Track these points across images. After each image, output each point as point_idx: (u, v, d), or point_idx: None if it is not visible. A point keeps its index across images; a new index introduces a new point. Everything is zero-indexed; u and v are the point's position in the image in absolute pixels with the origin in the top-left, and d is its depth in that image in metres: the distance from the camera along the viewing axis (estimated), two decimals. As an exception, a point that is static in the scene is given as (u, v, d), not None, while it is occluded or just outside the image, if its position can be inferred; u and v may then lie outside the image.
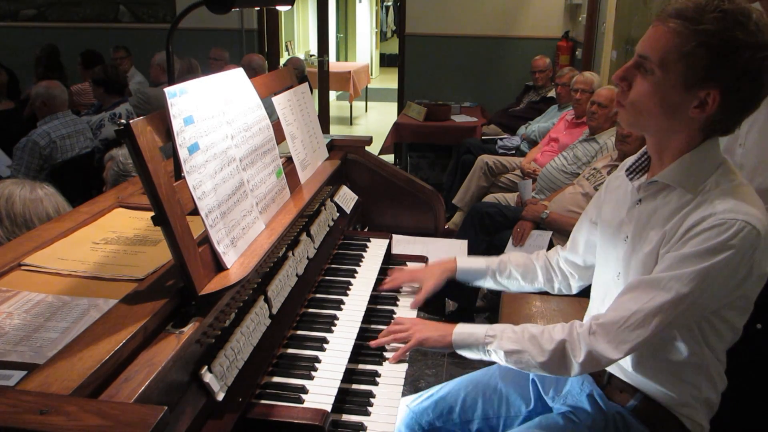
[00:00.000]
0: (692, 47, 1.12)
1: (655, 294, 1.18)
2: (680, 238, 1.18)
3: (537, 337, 1.30)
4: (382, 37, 14.74)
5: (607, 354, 1.22)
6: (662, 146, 1.25)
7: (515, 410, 1.54)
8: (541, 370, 1.31)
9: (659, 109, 1.19)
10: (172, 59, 1.57)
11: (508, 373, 1.59)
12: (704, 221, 1.15)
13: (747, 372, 1.70)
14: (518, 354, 1.31)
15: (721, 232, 1.13)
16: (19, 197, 1.69)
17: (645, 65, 1.18)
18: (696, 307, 1.18)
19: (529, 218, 3.16)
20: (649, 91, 1.18)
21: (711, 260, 1.13)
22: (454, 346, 1.41)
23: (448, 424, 1.56)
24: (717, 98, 1.14)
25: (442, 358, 3.11)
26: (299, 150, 1.84)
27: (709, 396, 1.31)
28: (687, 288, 1.14)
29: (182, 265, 1.09)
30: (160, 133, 1.13)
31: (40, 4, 6.61)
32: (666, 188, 1.26)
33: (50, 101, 3.72)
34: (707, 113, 1.16)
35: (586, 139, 3.56)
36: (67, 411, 0.76)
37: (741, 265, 1.15)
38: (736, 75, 1.12)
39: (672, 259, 1.17)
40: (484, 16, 6.19)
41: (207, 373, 1.11)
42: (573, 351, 1.26)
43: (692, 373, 1.28)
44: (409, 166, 5.87)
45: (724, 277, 1.15)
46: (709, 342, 1.26)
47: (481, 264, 1.67)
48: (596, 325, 1.24)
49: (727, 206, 1.15)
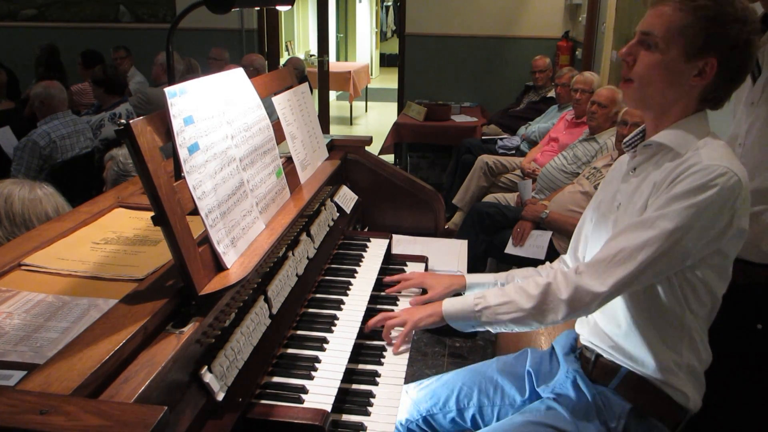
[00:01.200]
0: (691, 20, 1.25)
1: (642, 232, 1.25)
2: (668, 184, 1.27)
3: (523, 286, 1.38)
4: (382, 37, 14.74)
5: (592, 288, 1.27)
6: (661, 116, 1.35)
7: (510, 399, 1.57)
8: (530, 319, 1.35)
9: (663, 80, 1.30)
10: (172, 59, 1.57)
11: (506, 364, 1.63)
12: (691, 168, 1.25)
13: (747, 372, 1.70)
14: (506, 305, 1.37)
15: (706, 174, 1.22)
16: (18, 197, 1.69)
17: (649, 41, 1.29)
18: (679, 248, 1.23)
19: (529, 218, 3.16)
20: (655, 63, 1.29)
21: (695, 198, 1.22)
22: (446, 316, 1.46)
23: (444, 411, 1.59)
24: (714, 66, 1.26)
25: (443, 357, 3.11)
26: (299, 150, 1.84)
27: (691, 363, 1.35)
28: (672, 224, 1.22)
29: (182, 265, 1.09)
30: (160, 133, 1.13)
31: (40, 4, 6.61)
32: (659, 152, 1.35)
33: (49, 101, 3.72)
34: (705, 81, 1.28)
35: (586, 139, 3.57)
36: (67, 411, 0.76)
37: (724, 210, 1.22)
38: (729, 45, 1.25)
39: (659, 201, 1.26)
40: (484, 16, 6.19)
41: (207, 373, 1.11)
42: (558, 290, 1.31)
43: (674, 336, 1.33)
44: (409, 166, 5.87)
45: (708, 218, 1.22)
46: (690, 304, 1.31)
47: (489, 279, 1.70)
48: (583, 266, 1.32)
49: (713, 155, 1.25)
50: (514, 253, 3.15)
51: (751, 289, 1.65)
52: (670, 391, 1.35)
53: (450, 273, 1.92)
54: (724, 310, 1.51)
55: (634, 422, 1.35)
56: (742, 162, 1.67)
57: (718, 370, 1.45)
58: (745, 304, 1.66)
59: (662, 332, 1.33)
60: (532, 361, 1.59)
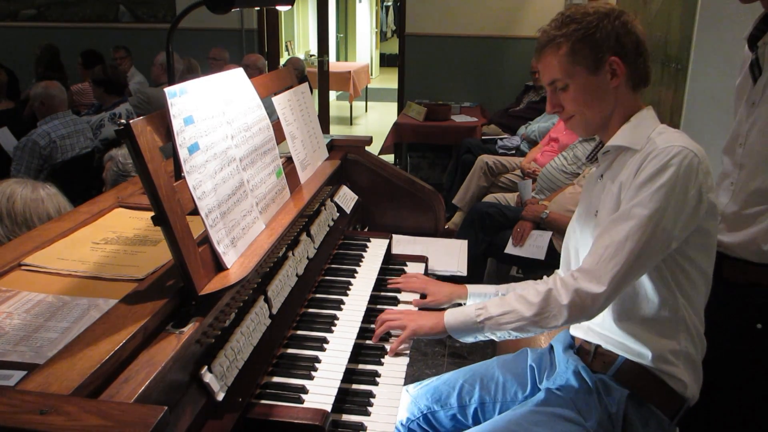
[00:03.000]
0: (572, 47, 1.37)
1: (621, 225, 1.30)
2: (634, 175, 1.32)
3: (523, 295, 1.39)
4: (382, 37, 14.74)
5: (592, 289, 1.29)
6: (609, 127, 1.43)
7: (511, 395, 1.58)
8: (533, 326, 1.37)
9: (593, 99, 1.40)
10: (172, 59, 1.57)
11: (506, 362, 1.64)
12: (649, 155, 1.31)
13: (747, 372, 1.70)
14: (508, 314, 1.39)
15: (664, 156, 1.29)
16: (21, 196, 1.69)
17: (557, 85, 1.41)
18: (660, 231, 1.27)
19: (529, 218, 3.16)
20: (577, 95, 1.40)
21: (660, 180, 1.27)
22: (448, 328, 1.46)
23: (445, 408, 1.60)
24: (618, 61, 1.36)
25: (443, 357, 3.11)
26: (299, 150, 1.84)
27: (688, 350, 1.37)
28: (647, 210, 1.27)
29: (182, 265, 1.09)
30: (160, 133, 1.13)
31: (40, 4, 6.61)
32: (619, 154, 1.41)
33: (49, 101, 3.72)
34: (622, 74, 1.38)
35: (585, 139, 3.56)
36: (67, 411, 0.76)
37: (689, 184, 1.27)
38: (614, 39, 1.36)
39: (629, 193, 1.31)
40: (484, 16, 6.19)
41: (207, 373, 1.11)
42: (559, 295, 1.33)
43: (669, 325, 1.35)
44: (409, 166, 5.87)
45: (678, 196, 1.27)
46: (684, 289, 1.34)
47: (490, 290, 1.71)
48: (577, 272, 1.34)
49: (668, 139, 1.32)
50: (514, 253, 3.16)
51: (751, 289, 1.65)
52: (668, 378, 1.37)
53: (450, 273, 1.92)
54: (725, 310, 1.51)
55: (633, 408, 1.37)
56: (742, 162, 1.68)
57: (718, 370, 1.45)
58: (745, 304, 1.66)
59: (657, 322, 1.35)
60: (533, 358, 1.60)
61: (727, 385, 1.64)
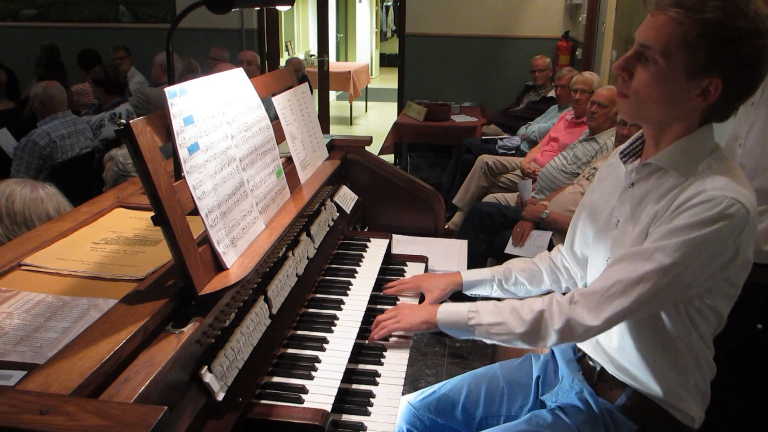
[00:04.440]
0: (694, 37, 1.11)
1: (638, 264, 1.17)
2: (671, 213, 1.18)
3: (517, 309, 1.33)
4: (382, 37, 14.74)
5: (585, 321, 1.22)
6: (660, 133, 1.26)
7: (516, 408, 1.54)
8: (520, 341, 1.33)
9: (662, 99, 1.19)
10: (172, 59, 1.57)
11: (511, 371, 1.60)
12: (694, 197, 1.15)
13: (748, 372, 1.70)
14: (499, 326, 1.34)
15: (711, 207, 1.12)
16: (20, 196, 1.69)
17: (646, 54, 1.17)
18: (679, 282, 1.16)
19: (529, 218, 3.16)
20: (652, 81, 1.17)
21: (697, 233, 1.12)
22: (440, 324, 1.44)
23: (450, 420, 1.56)
24: (719, 86, 1.14)
25: (443, 357, 3.11)
26: (299, 150, 1.84)
27: (698, 383, 1.31)
28: (670, 259, 1.14)
29: (182, 265, 1.09)
30: (160, 133, 1.13)
31: (40, 4, 6.61)
32: (659, 171, 1.26)
33: (48, 101, 3.72)
34: (709, 101, 1.16)
35: (586, 139, 3.56)
36: (67, 411, 0.76)
37: (728, 243, 1.14)
38: (738, 63, 1.12)
39: (660, 231, 1.17)
40: (484, 16, 6.19)
41: (207, 373, 1.11)
42: (551, 319, 1.27)
43: (681, 360, 1.28)
44: (409, 166, 5.87)
45: (709, 253, 1.14)
46: (698, 327, 1.26)
47: (486, 274, 1.68)
48: (579, 295, 1.26)
49: (718, 184, 1.15)
50: (514, 253, 3.15)
51: (751, 289, 1.64)
52: (677, 413, 1.31)
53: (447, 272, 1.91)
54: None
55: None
56: (742, 162, 1.68)
57: (718, 370, 1.45)
58: (745, 304, 1.66)
59: (670, 356, 1.28)
60: (538, 368, 1.56)
61: (726, 386, 1.64)
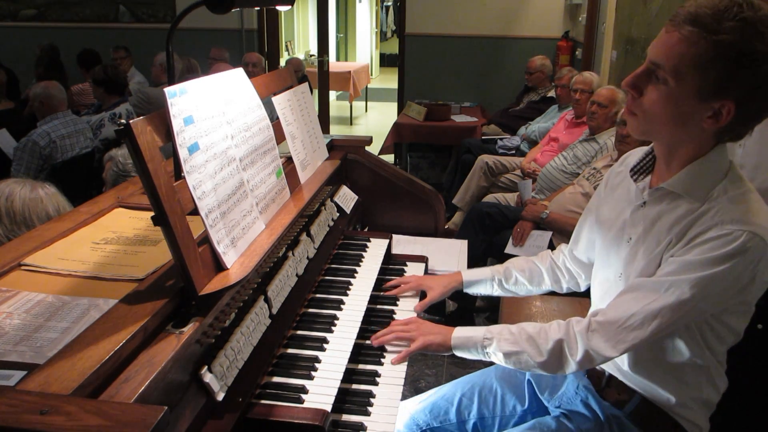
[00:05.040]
0: (709, 59, 1.07)
1: (655, 297, 1.18)
2: (686, 244, 1.17)
3: (534, 337, 1.32)
4: (382, 37, 14.74)
5: (604, 353, 1.23)
6: (671, 153, 1.23)
7: (510, 410, 1.55)
8: (539, 369, 1.32)
9: (672, 119, 1.16)
10: (172, 59, 1.57)
11: (504, 373, 1.60)
12: (710, 230, 1.14)
13: (747, 372, 1.70)
14: (517, 355, 1.33)
15: (728, 242, 1.11)
16: (20, 196, 1.69)
17: (657, 74, 1.14)
18: (695, 312, 1.18)
19: (529, 218, 3.16)
20: (662, 101, 1.14)
21: (714, 269, 1.12)
22: (454, 349, 1.43)
23: (444, 424, 1.57)
24: (732, 110, 1.10)
25: (442, 358, 3.11)
26: (299, 150, 1.84)
27: (709, 397, 1.31)
28: (688, 294, 1.14)
29: (182, 265, 1.09)
30: (160, 133, 1.13)
31: (40, 4, 6.61)
32: (672, 193, 1.23)
33: (48, 101, 3.72)
34: (721, 124, 1.13)
35: (586, 139, 3.57)
36: (67, 411, 0.76)
37: (744, 275, 1.14)
38: (753, 86, 1.08)
39: (676, 263, 1.17)
40: (484, 16, 6.19)
41: (207, 373, 1.11)
42: (570, 349, 1.27)
43: (693, 375, 1.28)
44: (409, 166, 5.87)
45: (726, 286, 1.14)
46: (710, 344, 1.25)
47: (486, 274, 1.68)
48: (595, 323, 1.25)
49: (735, 216, 1.13)
50: (514, 253, 3.15)
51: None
52: (685, 423, 1.31)
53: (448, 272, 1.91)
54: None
55: None
56: (741, 162, 1.68)
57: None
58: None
59: (680, 374, 1.28)
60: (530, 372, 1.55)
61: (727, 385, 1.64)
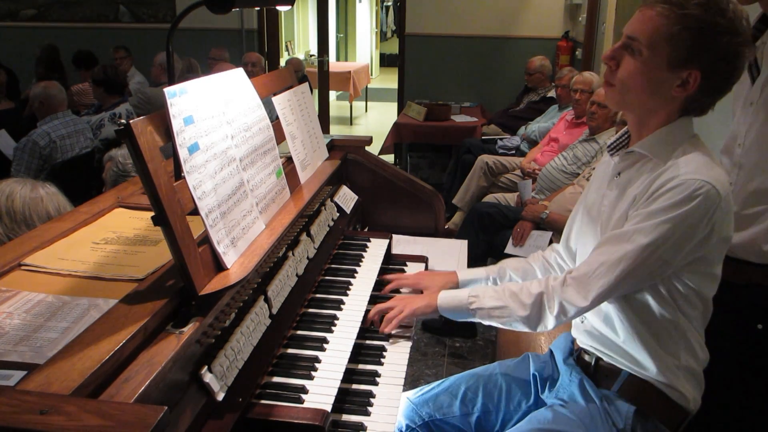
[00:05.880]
0: (678, 30, 1.23)
1: (620, 245, 1.29)
2: (648, 197, 1.28)
3: (517, 293, 1.42)
4: (382, 37, 14.74)
5: (576, 302, 1.33)
6: (643, 123, 1.35)
7: (514, 405, 1.56)
8: (521, 324, 1.42)
9: (645, 87, 1.29)
10: (172, 59, 1.57)
11: (509, 370, 1.62)
12: (669, 182, 1.25)
13: (747, 372, 1.70)
14: (500, 309, 1.43)
15: (683, 190, 1.23)
16: (20, 195, 1.69)
17: (633, 46, 1.28)
18: (656, 258, 1.26)
19: (529, 218, 3.16)
20: (637, 70, 1.28)
21: (671, 213, 1.23)
22: (440, 309, 1.52)
23: (447, 416, 1.57)
24: (698, 78, 1.25)
25: (442, 357, 3.11)
26: (299, 150, 1.84)
27: (689, 365, 1.37)
28: (648, 239, 1.25)
29: (182, 265, 1.09)
30: (160, 133, 1.13)
31: (40, 4, 6.61)
32: (642, 159, 1.36)
33: (48, 101, 3.72)
34: (688, 92, 1.27)
35: (586, 139, 3.57)
36: (67, 411, 0.76)
37: (701, 223, 1.24)
38: (716, 58, 1.23)
39: (639, 216, 1.28)
40: (484, 16, 6.19)
41: (207, 373, 1.11)
42: (548, 302, 1.38)
43: (670, 339, 1.35)
44: (409, 166, 5.87)
45: (684, 231, 1.24)
46: (682, 308, 1.33)
47: (481, 273, 1.72)
48: (569, 278, 1.36)
49: (690, 168, 1.25)
50: (514, 253, 3.15)
51: (751, 289, 1.65)
52: (671, 393, 1.36)
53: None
54: (724, 310, 1.51)
55: (639, 424, 1.36)
56: (741, 162, 1.68)
57: (718, 371, 1.45)
58: (745, 304, 1.66)
59: (658, 337, 1.34)
60: (535, 366, 1.58)
61: (727, 386, 1.64)
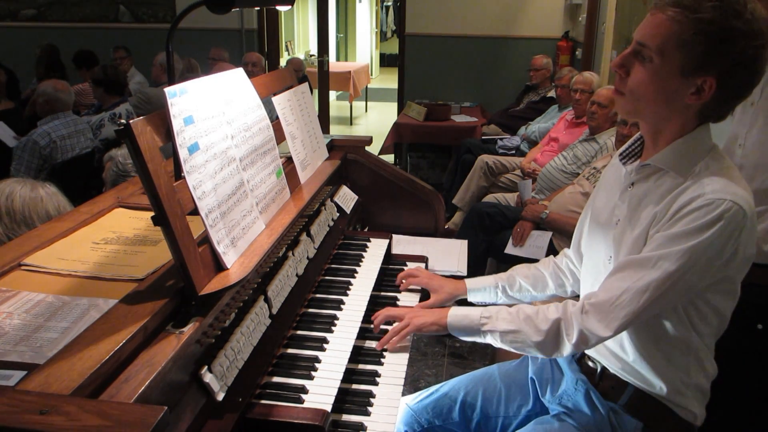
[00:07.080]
0: (690, 35, 1.14)
1: (644, 273, 1.21)
2: (670, 218, 1.20)
3: (532, 317, 1.34)
4: (382, 37, 14.74)
5: (598, 332, 1.25)
6: (657, 132, 1.28)
7: (514, 410, 1.55)
8: (535, 350, 1.34)
9: (657, 96, 1.21)
10: (172, 59, 1.57)
11: (508, 372, 1.60)
12: (693, 201, 1.18)
13: (748, 372, 1.70)
14: (514, 334, 1.35)
15: (709, 211, 1.15)
16: (20, 195, 1.69)
17: (643, 53, 1.20)
18: (683, 284, 1.20)
19: (529, 218, 3.16)
20: (647, 78, 1.20)
21: (698, 238, 1.16)
22: (449, 328, 1.44)
23: (447, 422, 1.56)
24: (713, 85, 1.17)
25: (442, 358, 3.11)
26: (299, 150, 1.84)
27: (698, 381, 1.33)
28: (674, 266, 1.18)
29: (182, 265, 1.09)
30: (160, 133, 1.13)
31: (40, 4, 6.61)
32: (658, 171, 1.28)
33: (54, 102, 3.72)
34: (703, 100, 1.19)
35: (586, 139, 3.57)
36: (67, 411, 0.76)
37: (727, 244, 1.17)
38: (732, 63, 1.15)
39: (661, 238, 1.20)
40: (484, 16, 6.19)
41: (207, 373, 1.11)
42: (567, 330, 1.30)
43: (680, 357, 1.30)
44: (409, 166, 5.87)
45: (711, 255, 1.17)
46: (696, 326, 1.28)
47: (489, 282, 1.68)
48: (588, 305, 1.28)
49: (716, 187, 1.18)
50: (514, 253, 3.15)
51: (751, 289, 1.64)
52: (679, 410, 1.33)
53: (450, 273, 1.91)
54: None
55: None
56: (741, 163, 1.68)
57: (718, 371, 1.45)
58: (745, 304, 1.66)
59: (668, 354, 1.30)
60: (534, 368, 1.56)
61: (727, 386, 1.64)
